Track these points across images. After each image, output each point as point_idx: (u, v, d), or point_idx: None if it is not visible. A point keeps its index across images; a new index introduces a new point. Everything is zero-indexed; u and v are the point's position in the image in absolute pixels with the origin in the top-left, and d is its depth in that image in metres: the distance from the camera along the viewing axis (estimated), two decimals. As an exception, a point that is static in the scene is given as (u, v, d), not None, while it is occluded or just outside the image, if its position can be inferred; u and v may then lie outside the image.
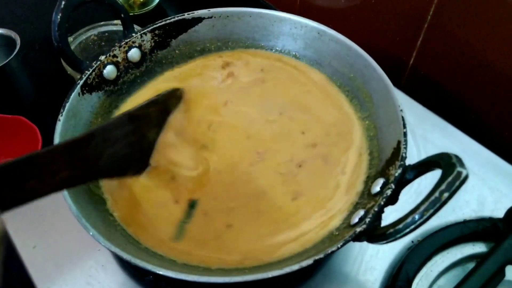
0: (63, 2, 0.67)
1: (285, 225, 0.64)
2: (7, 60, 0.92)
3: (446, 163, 0.48)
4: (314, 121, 0.76)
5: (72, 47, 0.99)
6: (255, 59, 0.85)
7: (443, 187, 0.46)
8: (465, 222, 0.73)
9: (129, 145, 0.61)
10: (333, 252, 0.52)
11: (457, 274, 0.70)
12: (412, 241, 0.72)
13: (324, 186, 0.68)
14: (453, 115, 0.91)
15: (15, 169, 0.44)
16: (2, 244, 0.40)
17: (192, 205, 0.66)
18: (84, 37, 1.02)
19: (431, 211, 0.46)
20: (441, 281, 0.70)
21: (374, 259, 0.71)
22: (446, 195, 0.45)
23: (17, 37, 0.96)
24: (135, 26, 0.80)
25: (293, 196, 0.67)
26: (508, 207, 0.71)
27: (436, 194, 0.46)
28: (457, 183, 0.45)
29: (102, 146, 0.56)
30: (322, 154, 0.71)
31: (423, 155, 0.82)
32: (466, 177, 0.46)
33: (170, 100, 0.74)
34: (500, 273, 0.64)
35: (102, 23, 1.07)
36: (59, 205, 0.57)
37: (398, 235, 0.49)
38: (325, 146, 0.72)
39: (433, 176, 0.49)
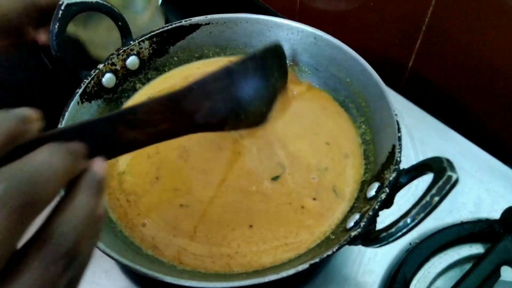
0: (60, 12, 0.68)
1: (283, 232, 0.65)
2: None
3: (438, 167, 0.49)
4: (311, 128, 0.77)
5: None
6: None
7: (433, 191, 0.46)
8: (462, 224, 0.73)
9: (225, 100, 0.58)
10: (328, 256, 0.53)
11: (454, 275, 0.70)
12: (410, 243, 0.73)
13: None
14: (451, 117, 0.92)
15: (118, 118, 0.45)
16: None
17: None
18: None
19: (422, 215, 0.47)
20: (439, 282, 0.70)
21: (373, 262, 0.72)
22: (436, 199, 0.46)
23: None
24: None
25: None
26: (504, 208, 0.72)
27: (427, 198, 0.46)
28: (447, 187, 0.46)
29: (200, 99, 0.54)
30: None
31: (421, 158, 0.82)
32: (456, 181, 0.46)
33: (268, 58, 0.66)
34: (496, 273, 0.64)
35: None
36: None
37: (391, 239, 0.49)
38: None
39: (430, 179, 0.50)
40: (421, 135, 0.88)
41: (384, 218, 0.57)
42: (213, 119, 0.57)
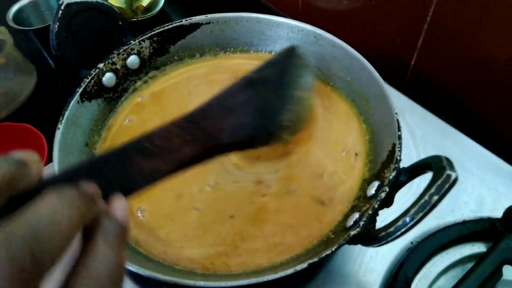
0: (60, 12, 0.68)
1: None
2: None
3: (437, 166, 0.49)
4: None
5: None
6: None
7: (432, 190, 0.46)
8: (464, 223, 0.73)
9: (250, 113, 0.54)
10: (327, 255, 0.53)
11: (456, 275, 0.70)
12: (412, 242, 0.72)
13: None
14: (454, 116, 0.92)
15: (132, 149, 0.41)
16: None
17: None
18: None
19: (421, 214, 0.47)
20: (441, 281, 0.70)
21: (374, 261, 0.72)
22: (435, 198, 0.46)
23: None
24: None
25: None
26: (506, 207, 0.72)
27: (426, 197, 0.46)
28: (446, 186, 0.46)
29: (222, 116, 0.50)
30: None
31: (423, 157, 0.81)
32: (455, 180, 0.46)
33: (288, 60, 0.64)
34: (497, 272, 0.64)
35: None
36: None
37: (390, 238, 0.49)
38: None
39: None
40: (423, 133, 0.87)
41: (386, 217, 0.57)
42: (240, 136, 0.52)
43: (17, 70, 0.96)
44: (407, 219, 0.47)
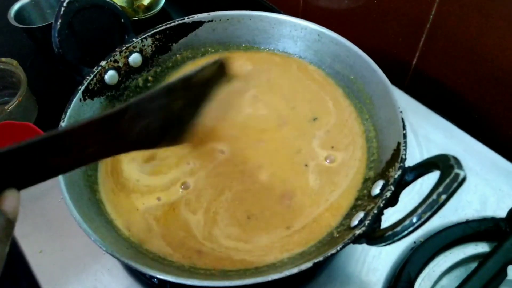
0: (62, 9, 0.68)
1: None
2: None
3: (444, 165, 0.48)
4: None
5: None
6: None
7: (440, 189, 0.46)
8: (467, 222, 0.72)
9: (162, 119, 0.58)
10: (332, 254, 0.52)
11: (459, 274, 0.70)
12: (415, 242, 0.72)
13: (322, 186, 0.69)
14: (456, 115, 0.91)
15: (44, 147, 0.41)
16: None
17: None
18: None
19: (429, 213, 0.46)
20: (444, 281, 0.70)
21: (377, 260, 0.71)
22: (443, 197, 0.45)
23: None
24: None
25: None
26: (510, 206, 0.71)
27: (434, 196, 0.46)
28: (455, 185, 0.45)
29: (135, 120, 0.52)
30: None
31: (426, 156, 0.82)
32: (463, 179, 0.45)
33: (212, 74, 0.67)
34: (502, 272, 0.64)
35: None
36: (65, 210, 0.57)
37: (396, 238, 0.49)
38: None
39: (436, 177, 0.49)
40: (426, 132, 0.87)
41: (389, 216, 0.56)
42: (148, 137, 0.57)
43: (24, 106, 0.96)
44: (414, 218, 0.47)
